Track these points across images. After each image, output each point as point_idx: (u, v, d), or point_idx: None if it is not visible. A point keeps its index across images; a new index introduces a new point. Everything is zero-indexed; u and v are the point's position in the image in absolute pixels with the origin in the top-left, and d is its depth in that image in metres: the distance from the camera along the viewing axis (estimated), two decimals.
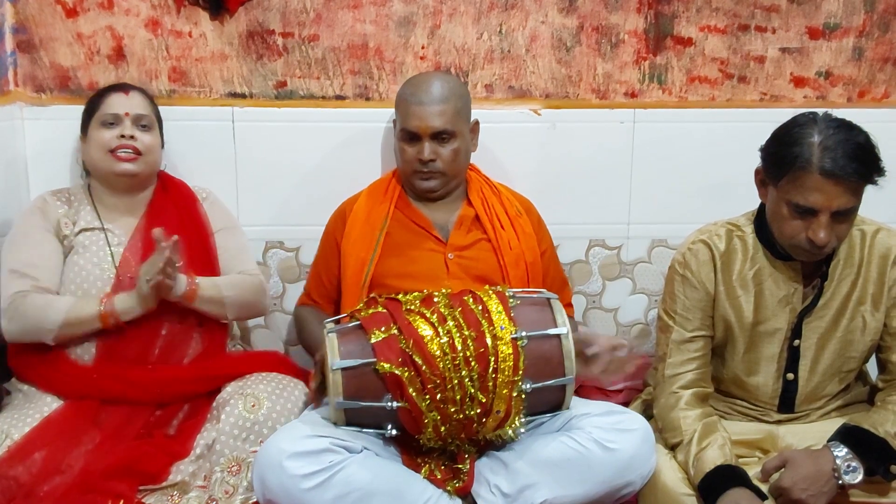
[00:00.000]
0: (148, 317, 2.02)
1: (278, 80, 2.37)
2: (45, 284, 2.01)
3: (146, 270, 1.95)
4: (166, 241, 1.92)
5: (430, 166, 2.11)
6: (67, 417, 1.95)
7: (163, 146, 2.20)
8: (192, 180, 2.27)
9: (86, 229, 2.10)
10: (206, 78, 2.36)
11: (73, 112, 2.23)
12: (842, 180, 1.73)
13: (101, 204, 2.15)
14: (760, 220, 1.96)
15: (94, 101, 2.14)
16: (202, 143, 2.36)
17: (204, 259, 2.15)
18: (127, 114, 2.10)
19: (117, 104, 2.11)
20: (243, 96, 2.37)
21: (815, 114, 1.83)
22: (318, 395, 1.95)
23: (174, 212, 2.16)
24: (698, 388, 1.96)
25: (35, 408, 1.96)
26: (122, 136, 2.07)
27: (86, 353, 2.03)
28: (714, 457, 1.82)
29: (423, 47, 2.38)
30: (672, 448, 1.93)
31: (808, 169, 1.75)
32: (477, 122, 2.23)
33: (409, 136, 2.12)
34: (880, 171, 1.78)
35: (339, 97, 2.40)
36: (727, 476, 1.79)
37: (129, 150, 2.08)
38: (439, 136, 2.10)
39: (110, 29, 2.30)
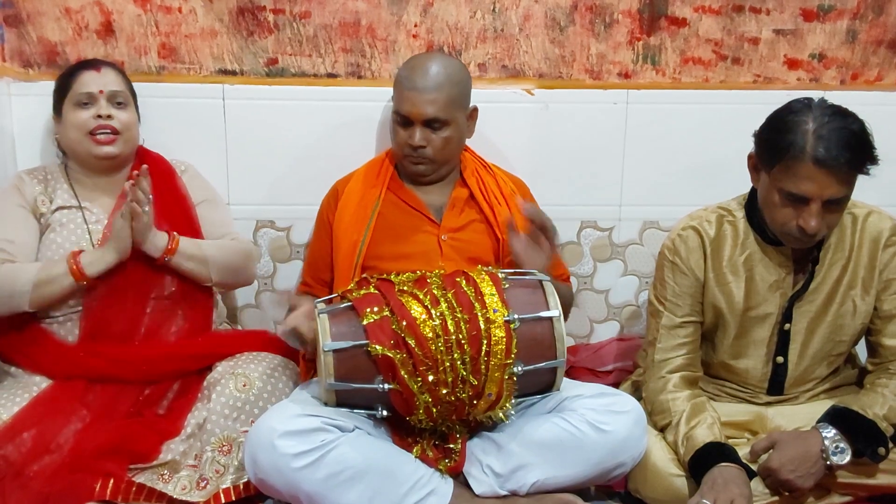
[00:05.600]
0: (132, 292, 2.01)
1: (269, 58, 2.35)
2: (19, 260, 1.99)
3: (122, 211, 1.93)
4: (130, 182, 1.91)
5: (419, 152, 2.09)
6: (56, 397, 1.94)
7: (139, 121, 2.17)
8: (181, 158, 2.25)
9: (63, 207, 2.08)
10: (196, 55, 2.33)
11: None
12: (834, 169, 1.73)
13: (78, 184, 2.12)
14: (752, 205, 1.96)
15: (64, 80, 2.09)
16: (192, 121, 2.34)
17: (187, 231, 2.12)
18: (101, 91, 2.06)
19: (90, 82, 2.06)
20: (234, 73, 2.35)
21: (810, 100, 1.82)
22: (305, 367, 2.02)
23: (153, 189, 2.13)
24: (687, 372, 1.97)
25: (24, 388, 1.96)
26: (99, 116, 2.04)
27: (69, 334, 2.02)
28: (703, 435, 1.84)
29: (415, 25, 2.36)
30: (662, 430, 1.95)
31: (800, 157, 1.74)
32: (475, 110, 2.20)
33: (401, 119, 2.10)
34: (873, 161, 1.77)
35: (331, 75, 2.38)
36: (716, 453, 1.81)
37: (108, 131, 2.05)
38: (431, 124, 2.08)
39: (98, 4, 2.27)
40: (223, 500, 1.86)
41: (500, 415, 1.82)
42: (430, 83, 2.06)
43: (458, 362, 1.74)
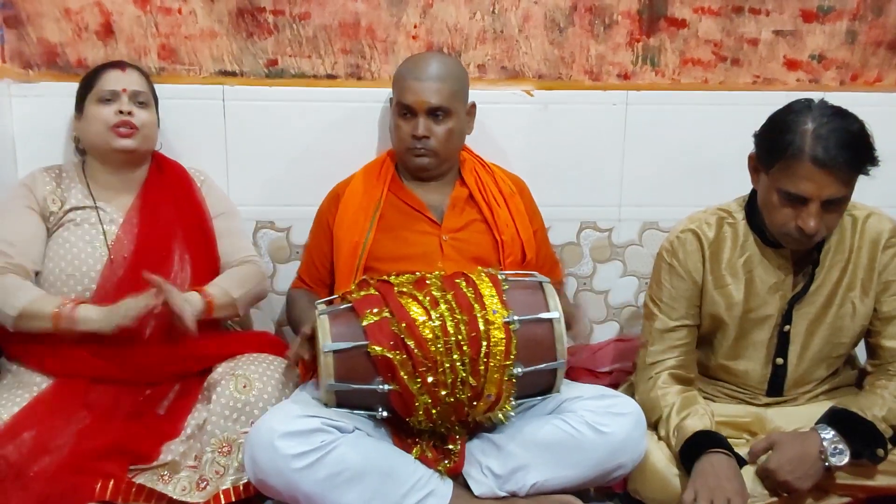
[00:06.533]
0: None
1: (269, 59, 2.35)
2: (20, 262, 2.00)
3: (129, 307, 1.91)
4: (155, 285, 1.91)
5: (423, 143, 2.10)
6: (57, 397, 1.94)
7: (158, 125, 2.18)
8: (182, 160, 2.26)
9: (77, 207, 2.08)
10: (196, 56, 2.33)
11: (62, 89, 2.21)
12: (833, 170, 1.73)
13: (94, 182, 2.13)
14: (752, 207, 1.95)
15: (89, 78, 2.12)
16: (192, 122, 2.34)
17: (201, 243, 2.14)
18: (124, 90, 2.08)
19: (114, 80, 2.09)
20: (234, 74, 2.35)
21: (810, 101, 1.82)
22: (305, 368, 2.00)
23: (169, 192, 2.15)
24: (678, 372, 1.97)
25: (24, 388, 1.96)
26: (121, 112, 2.06)
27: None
28: (694, 424, 1.84)
29: (415, 26, 2.36)
30: (654, 425, 1.94)
31: (799, 157, 1.74)
32: (474, 105, 2.22)
33: (404, 110, 2.11)
34: (873, 161, 1.77)
35: (331, 76, 2.38)
36: (706, 441, 1.81)
37: (127, 127, 2.06)
38: (434, 114, 2.09)
39: (98, 4, 2.27)
40: (223, 501, 1.86)
41: (500, 416, 1.82)
42: (433, 74, 2.09)
43: (458, 363, 1.74)
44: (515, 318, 1.77)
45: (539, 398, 1.90)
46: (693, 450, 1.81)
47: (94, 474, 1.82)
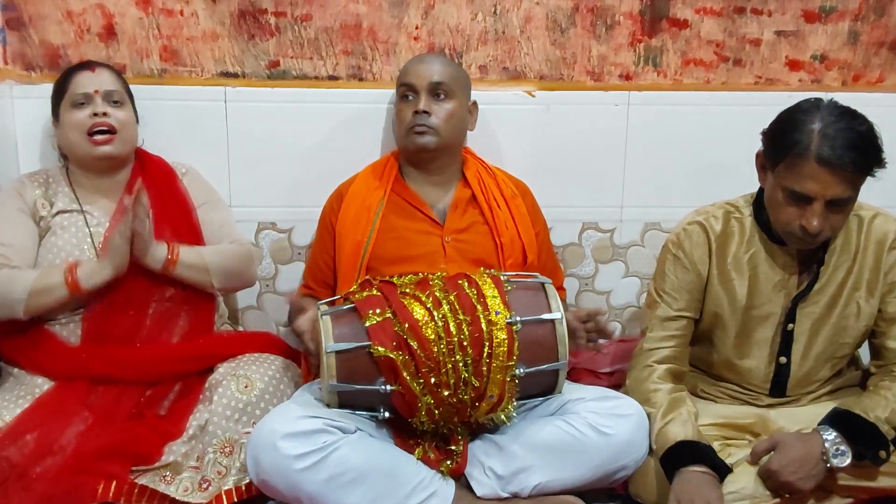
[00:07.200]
0: (135, 296, 2.02)
1: (271, 60, 2.35)
2: (16, 265, 1.99)
3: (120, 229, 1.93)
4: (130, 200, 1.91)
5: (423, 118, 2.09)
6: (59, 398, 1.94)
7: (137, 121, 2.17)
8: (183, 160, 2.26)
9: (63, 211, 2.08)
10: (198, 57, 2.34)
11: None
12: (838, 169, 1.73)
13: (79, 186, 2.13)
14: (759, 204, 1.95)
15: (61, 83, 2.10)
16: (194, 124, 2.34)
17: (188, 235, 2.13)
18: (97, 91, 2.07)
19: (85, 82, 2.07)
20: (235, 76, 2.36)
21: (819, 100, 1.81)
22: (307, 368, 2.03)
23: (154, 190, 2.13)
24: (673, 365, 1.97)
25: (26, 389, 1.96)
26: (95, 115, 2.05)
27: (72, 335, 2.02)
28: (675, 433, 1.83)
29: (416, 27, 2.36)
30: None
31: (805, 156, 1.74)
32: (475, 104, 2.23)
33: (406, 91, 2.13)
34: (880, 163, 1.76)
35: (332, 77, 2.38)
36: (687, 453, 1.80)
37: (104, 129, 2.05)
38: (436, 92, 2.11)
39: (100, 7, 2.28)
40: (225, 502, 1.86)
41: (502, 417, 1.82)
42: (435, 59, 2.19)
43: (460, 364, 1.74)
44: (518, 318, 1.77)
45: (541, 399, 1.90)
46: (674, 459, 1.81)
47: (97, 475, 1.82)
